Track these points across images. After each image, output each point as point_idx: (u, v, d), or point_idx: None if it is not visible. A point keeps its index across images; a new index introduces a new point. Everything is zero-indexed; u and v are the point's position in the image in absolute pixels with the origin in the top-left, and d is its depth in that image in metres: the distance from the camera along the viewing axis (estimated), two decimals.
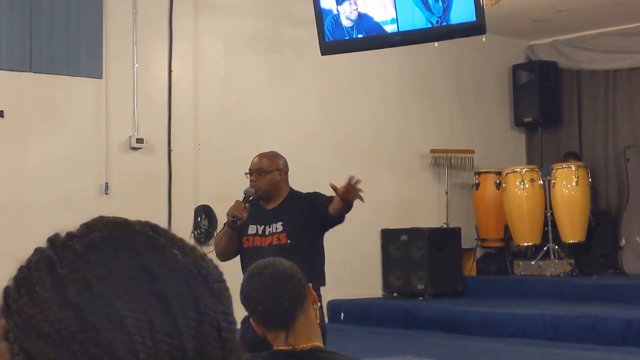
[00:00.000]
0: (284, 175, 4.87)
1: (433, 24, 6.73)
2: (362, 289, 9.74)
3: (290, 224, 4.73)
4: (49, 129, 7.98)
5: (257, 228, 4.78)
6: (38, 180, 7.86)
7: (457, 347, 7.72)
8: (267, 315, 2.70)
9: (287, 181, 4.91)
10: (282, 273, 2.73)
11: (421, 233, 9.73)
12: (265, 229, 4.77)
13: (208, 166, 8.82)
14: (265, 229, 4.76)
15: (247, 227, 4.78)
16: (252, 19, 9.30)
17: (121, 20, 8.41)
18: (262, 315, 2.71)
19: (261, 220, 4.78)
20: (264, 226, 4.77)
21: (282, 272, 2.73)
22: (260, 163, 4.87)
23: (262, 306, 2.70)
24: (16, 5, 7.76)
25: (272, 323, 2.70)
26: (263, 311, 2.70)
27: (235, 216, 4.66)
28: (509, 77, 11.45)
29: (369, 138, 10.06)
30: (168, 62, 8.69)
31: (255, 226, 4.78)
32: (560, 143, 11.30)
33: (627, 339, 7.33)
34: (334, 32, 7.20)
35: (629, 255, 9.96)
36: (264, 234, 4.77)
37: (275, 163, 4.87)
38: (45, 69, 7.93)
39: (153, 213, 8.38)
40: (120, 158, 8.34)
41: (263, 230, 4.77)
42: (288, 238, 4.72)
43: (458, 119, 10.90)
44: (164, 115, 8.64)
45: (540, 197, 9.86)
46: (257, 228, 4.78)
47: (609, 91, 10.99)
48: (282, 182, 4.85)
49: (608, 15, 10.28)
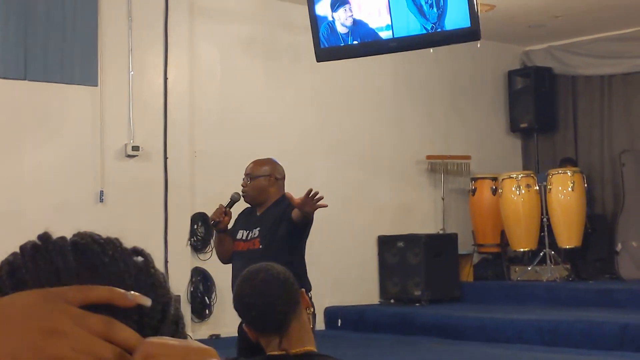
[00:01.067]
0: (274, 182, 4.89)
1: (428, 30, 6.74)
2: (359, 295, 9.74)
3: (264, 229, 4.80)
4: (45, 136, 7.97)
5: (243, 233, 4.88)
6: (33, 188, 7.85)
7: (454, 352, 7.72)
8: (260, 320, 2.69)
9: (280, 188, 4.93)
10: (274, 277, 2.72)
11: (418, 239, 9.73)
12: (249, 234, 4.86)
13: (204, 173, 8.82)
14: (249, 235, 4.86)
15: (237, 232, 4.90)
16: (248, 25, 9.30)
17: (116, 27, 8.41)
18: (256, 320, 2.71)
19: (248, 226, 4.88)
20: (248, 231, 4.87)
21: (275, 277, 2.73)
22: (251, 168, 4.94)
23: (256, 311, 2.69)
24: (11, 13, 7.76)
25: (266, 328, 2.69)
26: (256, 316, 2.69)
27: (214, 220, 4.81)
28: (504, 83, 11.47)
29: (365, 144, 10.07)
30: (164, 69, 8.69)
31: (242, 231, 4.88)
32: (556, 148, 11.31)
33: (623, 344, 7.34)
34: (329, 39, 7.20)
35: (625, 260, 9.97)
36: (247, 239, 4.86)
37: (265, 169, 4.91)
38: (41, 76, 7.92)
39: (149, 221, 8.38)
40: (116, 166, 8.33)
41: (247, 235, 4.86)
42: (260, 243, 4.80)
43: (454, 125, 10.91)
44: (159, 123, 8.63)
45: (536, 203, 9.87)
46: (243, 233, 4.88)
47: (604, 96, 11.01)
48: (271, 188, 4.88)
49: (603, 20, 10.30)
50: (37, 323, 0.72)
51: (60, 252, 0.80)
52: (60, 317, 0.73)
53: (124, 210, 8.17)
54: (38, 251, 0.81)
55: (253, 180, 4.86)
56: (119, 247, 0.83)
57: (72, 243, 0.81)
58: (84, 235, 0.83)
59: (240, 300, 2.75)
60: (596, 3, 9.63)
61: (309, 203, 4.56)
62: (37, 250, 0.81)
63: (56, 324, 0.72)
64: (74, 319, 0.73)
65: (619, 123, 10.86)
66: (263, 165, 4.93)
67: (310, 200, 4.55)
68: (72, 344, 0.72)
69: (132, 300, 0.76)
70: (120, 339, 0.74)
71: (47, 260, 0.80)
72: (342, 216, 9.62)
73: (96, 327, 0.73)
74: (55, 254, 0.80)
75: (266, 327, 2.70)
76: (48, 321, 0.73)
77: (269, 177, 4.88)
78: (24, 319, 0.73)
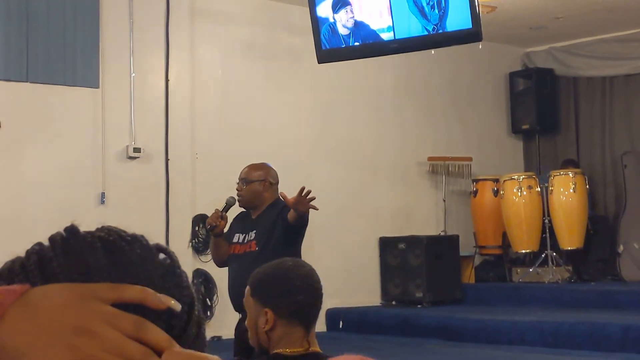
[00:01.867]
0: (268, 186, 4.96)
1: (429, 31, 6.74)
2: (361, 297, 9.73)
3: (260, 232, 4.87)
4: (46, 138, 7.97)
5: (239, 237, 4.95)
6: (34, 190, 7.85)
7: (455, 354, 7.72)
8: (317, 311, 2.67)
9: (274, 192, 5.00)
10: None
11: (419, 241, 9.72)
12: (245, 237, 4.93)
13: (205, 175, 8.81)
14: (245, 238, 4.92)
15: (233, 235, 4.96)
16: (248, 27, 9.30)
17: (118, 29, 8.41)
18: (317, 310, 2.67)
19: (243, 229, 4.95)
20: (244, 235, 4.93)
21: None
22: (246, 173, 5.01)
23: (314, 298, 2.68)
24: (13, 15, 7.76)
25: (311, 319, 2.66)
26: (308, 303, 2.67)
27: (210, 224, 4.88)
28: (505, 85, 11.46)
29: (366, 146, 10.06)
30: (165, 71, 8.69)
31: (238, 235, 4.95)
32: (557, 150, 11.30)
33: (625, 345, 7.33)
34: (330, 40, 7.20)
35: (626, 262, 9.96)
36: (243, 242, 4.93)
37: (259, 174, 4.99)
38: (42, 78, 7.92)
39: (150, 222, 8.37)
40: (117, 167, 8.33)
41: (244, 239, 4.93)
42: (257, 245, 4.86)
43: (455, 127, 10.91)
44: (161, 124, 8.64)
45: (538, 204, 9.86)
46: (239, 237, 4.95)
47: (605, 98, 11.00)
48: (265, 193, 4.95)
49: (604, 22, 10.30)
50: (71, 320, 0.73)
51: (91, 248, 0.80)
52: (93, 316, 0.73)
53: (126, 212, 8.16)
54: (69, 245, 0.81)
55: (248, 184, 4.94)
56: (146, 246, 0.83)
57: (100, 240, 0.81)
58: (110, 231, 0.83)
59: (319, 291, 2.72)
60: (597, 4, 9.63)
61: (302, 202, 4.61)
62: (68, 244, 0.81)
63: (89, 323, 0.73)
64: (107, 318, 0.73)
65: (621, 124, 10.85)
66: (257, 170, 5.01)
67: (303, 199, 4.60)
68: (102, 344, 0.72)
69: (164, 303, 0.77)
70: (152, 340, 0.74)
71: (78, 256, 0.80)
72: (343, 218, 9.62)
73: (128, 328, 0.73)
74: (87, 250, 0.80)
75: (312, 317, 2.69)
76: (82, 319, 0.73)
77: (263, 181, 4.96)
78: (58, 316, 0.73)
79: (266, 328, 2.64)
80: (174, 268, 0.83)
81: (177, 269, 0.84)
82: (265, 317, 2.64)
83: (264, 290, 2.68)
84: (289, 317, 2.63)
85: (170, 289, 0.80)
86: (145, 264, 0.81)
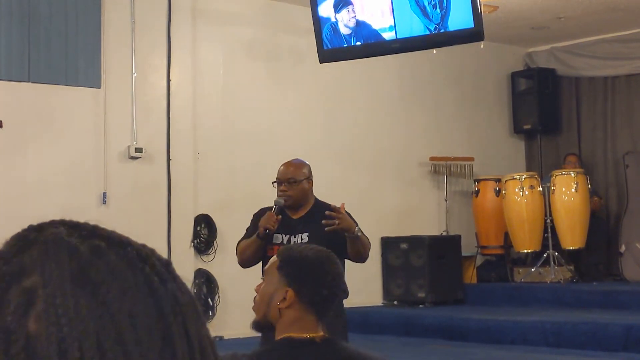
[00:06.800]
0: (311, 184, 4.84)
1: (431, 30, 6.74)
2: (363, 297, 9.71)
3: (316, 236, 4.61)
4: (48, 139, 7.97)
5: (282, 237, 4.72)
6: (36, 190, 7.85)
7: (457, 354, 7.71)
8: (330, 305, 2.67)
9: (312, 189, 4.87)
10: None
11: (421, 241, 9.72)
12: (290, 238, 4.71)
13: (207, 175, 8.81)
14: (291, 239, 4.70)
15: (273, 236, 4.71)
16: (250, 28, 9.30)
17: (120, 29, 8.41)
18: (327, 303, 2.66)
19: (287, 230, 4.72)
20: (289, 236, 4.71)
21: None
22: (291, 172, 4.80)
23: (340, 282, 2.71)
24: (14, 15, 7.76)
25: (325, 314, 2.65)
26: (331, 300, 2.66)
27: (267, 228, 4.62)
28: (507, 84, 11.46)
29: (368, 146, 10.06)
30: (167, 71, 8.69)
31: (281, 235, 4.73)
32: (559, 150, 11.30)
33: (627, 345, 7.32)
34: (332, 40, 7.20)
35: (628, 262, 9.96)
36: (289, 244, 4.68)
37: (305, 172, 4.82)
38: (44, 79, 7.92)
39: (152, 223, 8.37)
40: (119, 168, 8.33)
41: (288, 240, 4.70)
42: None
43: (457, 127, 10.91)
44: (162, 125, 8.64)
45: (539, 204, 9.85)
46: (282, 237, 4.72)
47: (607, 98, 10.99)
48: (310, 191, 4.82)
49: (606, 22, 10.29)
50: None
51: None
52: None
53: (127, 212, 8.17)
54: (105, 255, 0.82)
55: (297, 184, 4.75)
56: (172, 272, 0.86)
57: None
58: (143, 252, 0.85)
59: (343, 294, 2.73)
60: (599, 4, 9.62)
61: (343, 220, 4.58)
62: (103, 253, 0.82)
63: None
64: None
65: (623, 124, 10.85)
66: (302, 168, 4.83)
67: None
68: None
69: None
70: None
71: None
72: None
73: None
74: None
75: (327, 315, 2.68)
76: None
77: (309, 179, 4.82)
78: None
79: (281, 306, 2.61)
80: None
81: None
82: (284, 295, 2.61)
83: (295, 270, 2.64)
84: (308, 304, 2.60)
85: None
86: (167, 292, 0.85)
